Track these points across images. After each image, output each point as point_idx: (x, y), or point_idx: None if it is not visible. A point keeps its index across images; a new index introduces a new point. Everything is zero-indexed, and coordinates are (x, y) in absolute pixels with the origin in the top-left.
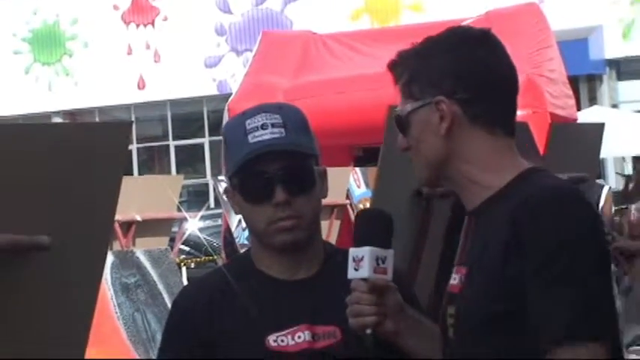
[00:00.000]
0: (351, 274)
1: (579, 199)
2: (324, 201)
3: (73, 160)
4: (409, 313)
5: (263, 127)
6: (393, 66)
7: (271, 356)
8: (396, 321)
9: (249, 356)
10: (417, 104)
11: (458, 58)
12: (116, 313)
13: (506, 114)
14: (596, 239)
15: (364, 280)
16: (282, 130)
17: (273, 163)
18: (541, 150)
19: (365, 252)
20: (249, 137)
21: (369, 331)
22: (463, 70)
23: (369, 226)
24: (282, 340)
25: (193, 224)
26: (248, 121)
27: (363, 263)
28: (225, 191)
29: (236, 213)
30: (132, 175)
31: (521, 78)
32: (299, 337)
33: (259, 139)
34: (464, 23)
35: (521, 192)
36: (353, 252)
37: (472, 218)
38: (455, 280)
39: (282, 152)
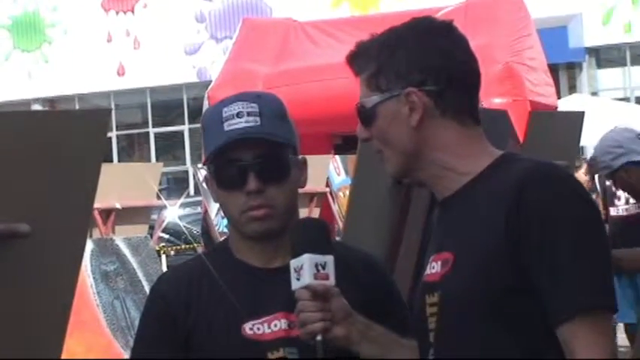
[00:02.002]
0: (294, 284)
1: (569, 175)
2: (304, 189)
3: (52, 147)
4: (358, 318)
5: (239, 115)
6: (353, 58)
7: (247, 344)
8: (344, 326)
9: (226, 344)
10: (385, 96)
11: (425, 49)
12: (95, 300)
13: (473, 104)
14: (596, 210)
15: (306, 288)
16: (258, 118)
17: (247, 152)
18: (521, 138)
19: (304, 260)
20: (225, 125)
21: (318, 337)
22: (431, 62)
23: (305, 235)
24: (259, 328)
25: (173, 212)
26: (225, 109)
27: (303, 271)
28: (205, 179)
29: (214, 200)
30: (111, 162)
31: (501, 66)
32: (275, 325)
33: (234, 127)
34: (443, 11)
35: (503, 175)
36: (293, 263)
37: (449, 205)
38: (434, 268)
39: (256, 141)
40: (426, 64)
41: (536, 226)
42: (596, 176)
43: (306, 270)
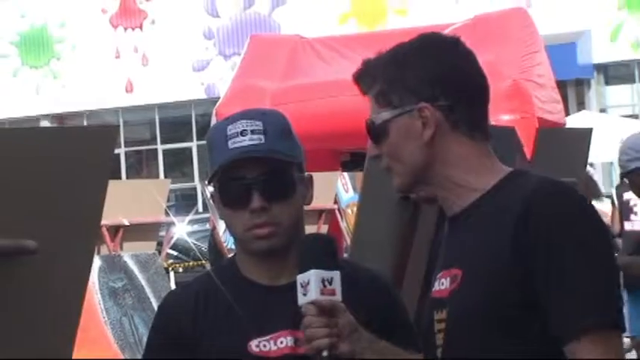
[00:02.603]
0: (301, 300)
1: (577, 193)
2: (312, 205)
3: (59, 163)
4: (364, 334)
5: (243, 133)
6: (361, 76)
7: None
8: (351, 342)
9: None
10: (396, 112)
11: (436, 64)
12: (103, 317)
13: (483, 119)
14: (603, 228)
15: (312, 303)
16: (262, 136)
17: (252, 170)
18: (528, 155)
19: (310, 275)
20: (229, 143)
21: (325, 353)
22: (442, 77)
23: (312, 251)
24: (265, 345)
25: (181, 228)
26: (229, 127)
27: (309, 287)
28: (211, 195)
29: (219, 217)
30: (120, 179)
31: (509, 83)
32: (281, 342)
33: (238, 145)
34: (451, 28)
35: (511, 192)
36: (299, 278)
37: (458, 221)
38: (442, 284)
39: (260, 159)
40: (437, 78)
41: (544, 244)
42: (613, 190)
43: (313, 285)
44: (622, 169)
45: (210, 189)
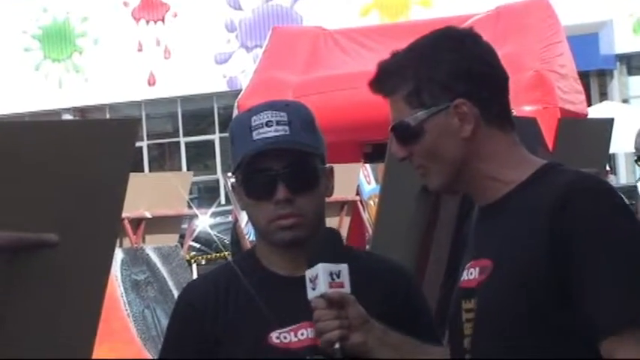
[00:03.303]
0: (310, 294)
1: (613, 188)
2: (334, 197)
3: (80, 157)
4: (375, 325)
5: (268, 124)
6: (381, 79)
7: (274, 353)
8: (362, 333)
9: (252, 352)
10: (432, 110)
11: (463, 58)
12: (126, 310)
13: (509, 110)
14: (637, 223)
15: (322, 296)
16: (287, 127)
17: (276, 161)
18: (550, 145)
19: (318, 269)
20: (254, 134)
21: (337, 345)
22: (473, 71)
23: (317, 246)
24: (285, 337)
25: (204, 221)
26: (254, 118)
27: (318, 281)
28: (232, 187)
29: (241, 209)
30: (142, 172)
31: (532, 73)
32: (302, 333)
33: (263, 135)
34: (473, 19)
35: (546, 186)
36: (308, 273)
37: (490, 213)
38: (471, 274)
39: (285, 150)
40: (468, 72)
41: (581, 239)
42: (638, 184)
43: (321, 279)
44: (637, 152)
45: (230, 180)
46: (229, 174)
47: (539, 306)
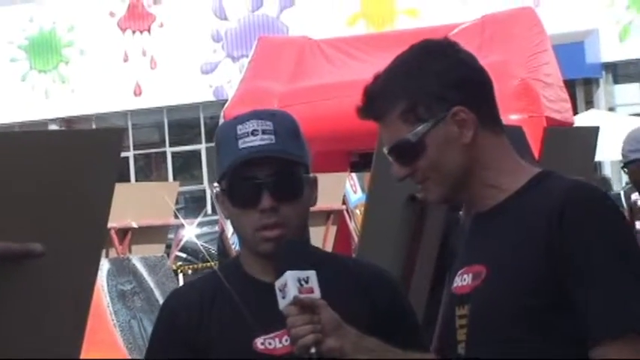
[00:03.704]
0: (281, 303)
1: (608, 196)
2: (320, 206)
3: (65, 166)
4: (350, 330)
5: (253, 133)
6: (370, 103)
7: (259, 358)
8: (336, 337)
9: (237, 358)
10: (431, 123)
11: (451, 67)
12: (112, 320)
13: (498, 112)
14: (631, 232)
15: (292, 303)
16: (273, 136)
17: (262, 170)
18: (536, 154)
19: (286, 277)
20: (240, 142)
21: (312, 350)
22: (462, 78)
23: (285, 255)
24: (270, 343)
25: (190, 231)
26: (239, 127)
27: (287, 289)
28: (216, 195)
29: (226, 218)
30: (129, 181)
31: (517, 82)
32: (286, 340)
33: (249, 144)
34: (459, 28)
35: (542, 192)
36: (277, 284)
37: (485, 219)
38: (465, 280)
39: (270, 159)
40: (458, 80)
41: (578, 246)
42: (622, 192)
43: (290, 286)
44: (623, 159)
45: (215, 189)
46: (215, 184)
47: (533, 310)
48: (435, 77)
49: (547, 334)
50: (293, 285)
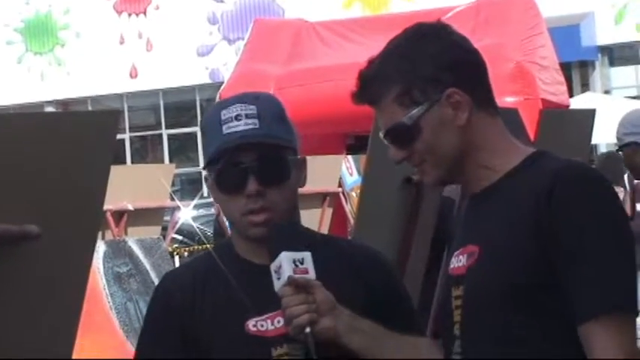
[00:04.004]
0: (276, 285)
1: (601, 176)
2: (316, 189)
3: (61, 148)
4: (344, 310)
5: (237, 117)
6: (365, 88)
7: (252, 340)
8: (330, 318)
9: (230, 340)
10: (426, 106)
11: (444, 49)
12: (108, 302)
13: (492, 93)
14: (624, 213)
15: (287, 283)
16: (257, 121)
17: (247, 154)
18: (532, 136)
19: (281, 259)
20: (224, 128)
21: (307, 329)
22: (455, 60)
23: (277, 238)
24: (262, 325)
25: (186, 213)
26: (223, 112)
27: (282, 270)
28: (206, 180)
29: (215, 202)
30: (125, 164)
31: (513, 65)
32: (278, 321)
33: (233, 129)
34: (454, 11)
35: (534, 172)
36: (272, 266)
37: (479, 200)
38: (460, 262)
39: (255, 143)
40: (451, 62)
41: (567, 224)
42: (625, 175)
43: (285, 267)
44: (618, 142)
45: (205, 173)
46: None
47: (524, 288)
48: (429, 60)
49: (537, 313)
50: (288, 266)
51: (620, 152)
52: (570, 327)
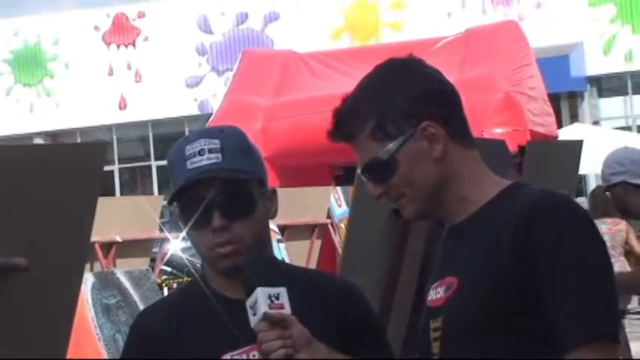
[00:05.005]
0: (252, 321)
1: (576, 203)
2: (305, 220)
3: (49, 180)
4: (320, 345)
5: (200, 152)
6: (341, 125)
7: None
8: (307, 353)
9: None
10: (400, 140)
11: (417, 82)
12: (97, 334)
13: (468, 126)
14: (601, 239)
15: (263, 319)
16: (219, 155)
17: (210, 189)
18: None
19: (256, 294)
20: (187, 163)
21: None
22: (429, 92)
23: (252, 273)
24: (237, 359)
25: (175, 245)
26: (187, 147)
27: (257, 305)
28: (177, 215)
29: (185, 237)
30: (114, 195)
31: (501, 95)
32: (253, 355)
33: (196, 165)
34: (443, 42)
35: (512, 203)
36: (248, 302)
37: (456, 232)
38: (438, 293)
39: (218, 178)
40: (425, 95)
41: (545, 252)
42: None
43: (261, 303)
44: (605, 182)
45: (172, 208)
46: (167, 203)
47: (503, 317)
48: (402, 94)
49: (518, 338)
50: (263, 301)
51: (608, 193)
52: (551, 351)
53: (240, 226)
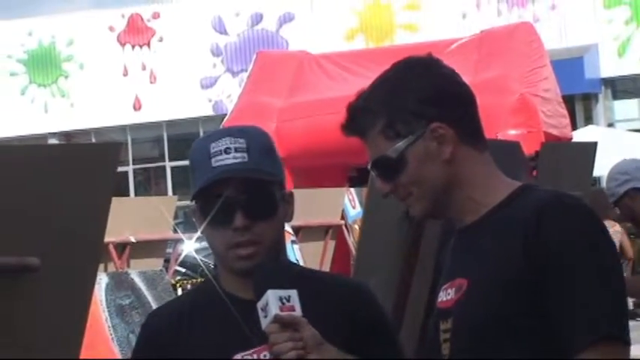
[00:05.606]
0: (263, 323)
1: (586, 205)
2: (319, 221)
3: (62, 180)
4: (330, 347)
5: (226, 151)
6: (353, 121)
7: None
8: (318, 354)
9: None
10: (410, 139)
11: (431, 83)
12: (111, 334)
13: (481, 128)
14: (612, 241)
15: (274, 321)
16: (245, 154)
17: (235, 188)
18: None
19: (267, 297)
20: (212, 161)
21: None
22: (441, 93)
23: (263, 276)
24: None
25: (189, 245)
26: (213, 145)
27: (268, 308)
28: (192, 212)
29: (201, 234)
30: (128, 196)
31: (516, 97)
32: (264, 355)
33: (221, 163)
34: (457, 43)
35: (522, 206)
36: (259, 305)
37: (466, 234)
38: (449, 295)
39: (243, 177)
40: (437, 96)
41: (555, 253)
42: None
43: (272, 305)
44: (612, 197)
45: (191, 206)
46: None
47: (513, 319)
48: (414, 93)
49: (526, 341)
50: (274, 303)
51: (616, 207)
52: (561, 353)
53: (261, 227)
